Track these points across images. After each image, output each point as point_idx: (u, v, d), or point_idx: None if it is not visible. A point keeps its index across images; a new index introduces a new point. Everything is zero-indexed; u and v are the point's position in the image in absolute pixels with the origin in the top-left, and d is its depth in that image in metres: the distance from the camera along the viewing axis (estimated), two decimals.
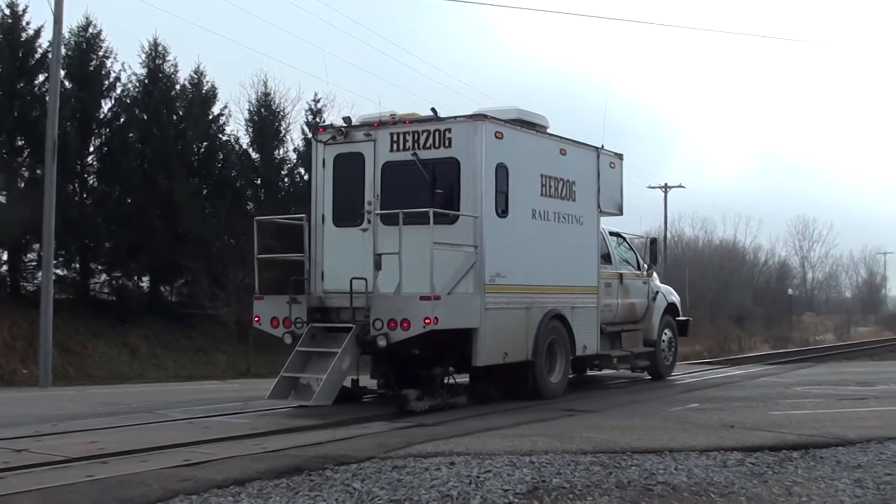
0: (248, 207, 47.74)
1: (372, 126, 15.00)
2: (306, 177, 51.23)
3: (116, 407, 15.33)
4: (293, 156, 51.18)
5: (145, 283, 43.67)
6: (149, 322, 40.17)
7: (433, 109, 14.74)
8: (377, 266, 13.83)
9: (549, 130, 16.23)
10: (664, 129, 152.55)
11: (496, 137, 14.56)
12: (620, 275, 18.57)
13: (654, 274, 20.39)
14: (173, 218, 41.06)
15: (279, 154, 50.10)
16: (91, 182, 41.86)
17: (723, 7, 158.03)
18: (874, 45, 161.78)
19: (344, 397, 14.08)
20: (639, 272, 19.50)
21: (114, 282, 41.97)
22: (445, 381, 14.72)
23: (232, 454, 9.73)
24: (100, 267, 41.86)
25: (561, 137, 16.36)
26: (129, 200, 40.71)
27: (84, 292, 40.71)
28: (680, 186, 72.90)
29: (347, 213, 15.10)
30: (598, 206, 17.16)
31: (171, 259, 40.78)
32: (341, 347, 13.44)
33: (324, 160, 15.35)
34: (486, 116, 14.54)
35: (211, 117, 45.61)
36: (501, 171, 14.69)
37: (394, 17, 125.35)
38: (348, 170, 15.11)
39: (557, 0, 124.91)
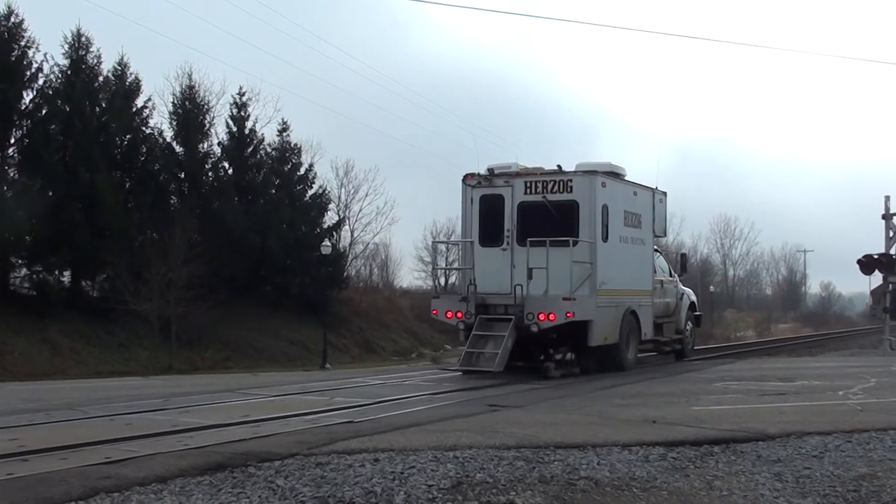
0: (172, 201, 47.34)
1: (510, 175, 20.43)
2: (230, 171, 51.03)
3: (37, 404, 15.07)
4: (217, 149, 50.88)
5: (66, 277, 43.08)
6: (70, 317, 39.66)
7: (559, 166, 20.30)
8: (530, 276, 19.29)
9: (626, 178, 21.59)
10: (586, 126, 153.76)
11: (602, 186, 20.05)
12: (661, 281, 23.98)
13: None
14: (95, 211, 40.57)
15: (203, 147, 49.78)
16: (12, 174, 41.19)
17: (643, 4, 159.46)
18: (793, 44, 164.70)
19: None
20: (672, 278, 25.21)
21: (34, 276, 41.32)
22: (566, 358, 19.58)
23: (154, 451, 9.61)
24: (20, 261, 41.21)
25: (633, 182, 22.00)
26: (51, 193, 40.10)
27: (3, 287, 40.05)
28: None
29: (491, 237, 20.42)
30: (653, 231, 22.93)
31: (92, 253, 40.29)
32: (507, 332, 18.91)
33: (472, 199, 20.72)
34: (596, 171, 20.02)
35: (134, 110, 45.14)
36: (604, 210, 20.14)
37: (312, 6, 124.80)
38: (491, 206, 20.47)
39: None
